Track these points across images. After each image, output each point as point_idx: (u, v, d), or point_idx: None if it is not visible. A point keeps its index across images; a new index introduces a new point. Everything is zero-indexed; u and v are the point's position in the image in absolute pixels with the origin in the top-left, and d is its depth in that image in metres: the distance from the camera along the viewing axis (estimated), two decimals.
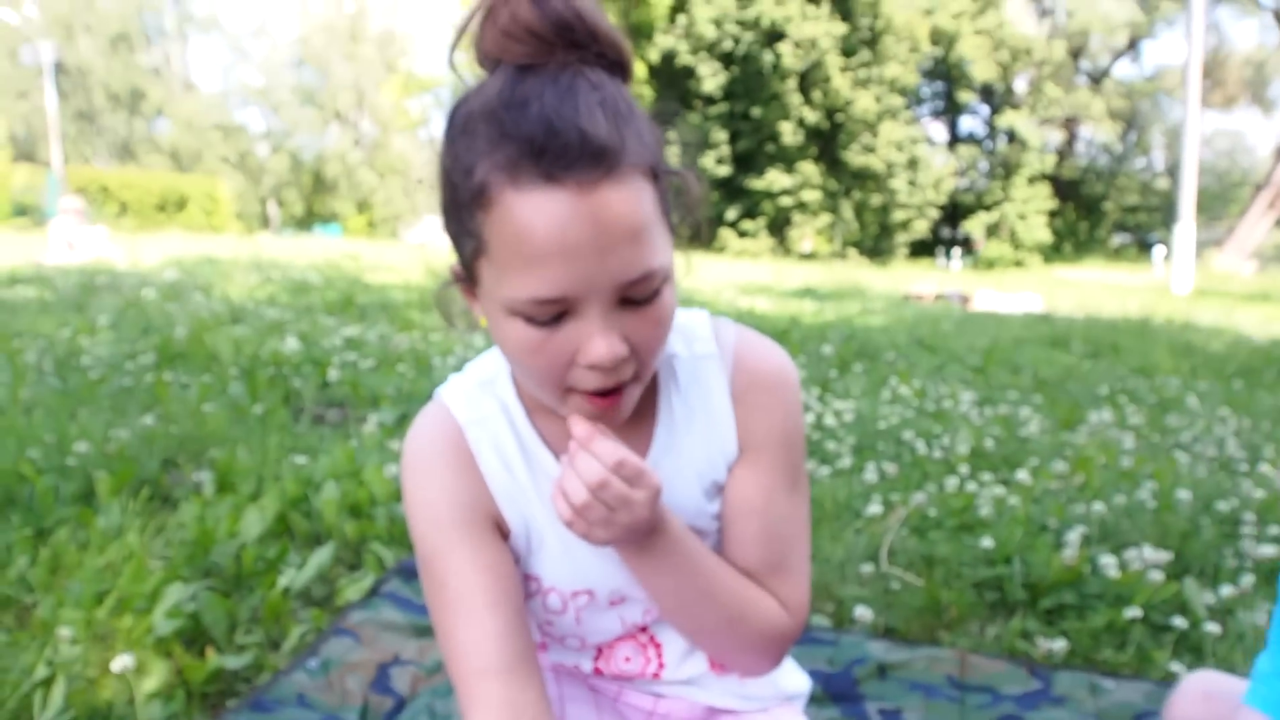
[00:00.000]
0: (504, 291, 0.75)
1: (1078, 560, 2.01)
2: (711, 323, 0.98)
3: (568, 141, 0.71)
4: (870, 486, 2.65)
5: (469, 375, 0.99)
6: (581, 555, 0.96)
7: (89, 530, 1.96)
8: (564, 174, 0.71)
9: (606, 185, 0.72)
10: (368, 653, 1.66)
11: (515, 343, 0.78)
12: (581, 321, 0.75)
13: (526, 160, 0.71)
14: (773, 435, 0.95)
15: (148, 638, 1.55)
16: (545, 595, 0.99)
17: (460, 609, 0.88)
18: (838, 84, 27.60)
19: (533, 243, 0.72)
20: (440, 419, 0.95)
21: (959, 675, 1.66)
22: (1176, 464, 2.96)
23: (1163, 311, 9.48)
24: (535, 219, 0.71)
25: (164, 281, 6.94)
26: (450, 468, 0.92)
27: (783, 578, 0.96)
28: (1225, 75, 34.51)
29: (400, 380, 3.75)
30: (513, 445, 0.94)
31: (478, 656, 0.87)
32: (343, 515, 2.21)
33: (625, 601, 1.00)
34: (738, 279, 12.52)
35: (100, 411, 2.94)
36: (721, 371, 0.95)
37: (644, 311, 0.78)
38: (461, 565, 0.89)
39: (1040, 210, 30.27)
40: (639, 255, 0.74)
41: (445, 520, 0.91)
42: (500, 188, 0.72)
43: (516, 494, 0.94)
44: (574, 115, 0.72)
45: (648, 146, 0.77)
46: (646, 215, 0.75)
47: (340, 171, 40.79)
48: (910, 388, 4.06)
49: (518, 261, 0.73)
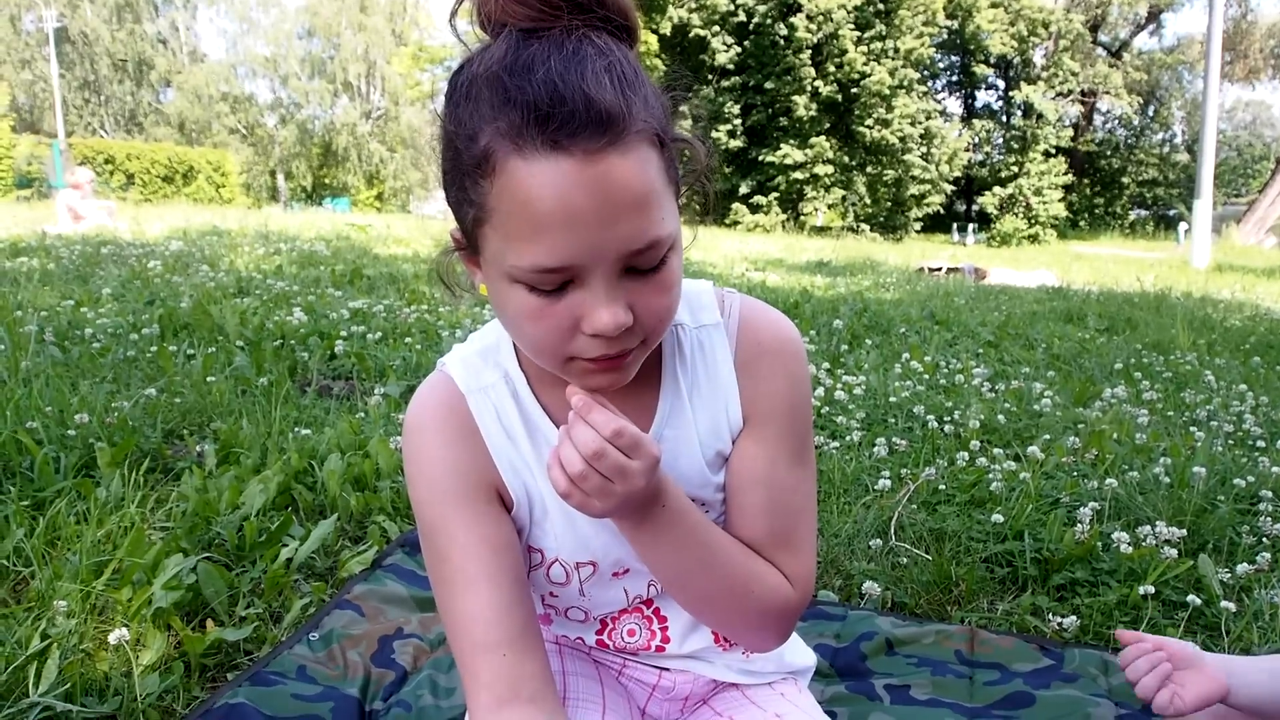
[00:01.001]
0: (507, 259, 0.73)
1: (1090, 536, 1.97)
2: (716, 292, 0.97)
3: (573, 108, 0.69)
4: (880, 461, 2.61)
5: (472, 344, 0.98)
6: (584, 526, 0.95)
7: (89, 501, 1.95)
8: (569, 141, 0.69)
9: (612, 153, 0.70)
10: (370, 625, 1.64)
11: (517, 310, 0.76)
12: (585, 290, 0.74)
13: (531, 127, 0.69)
14: (778, 405, 0.94)
15: (146, 610, 1.54)
16: (549, 567, 0.98)
17: (461, 581, 0.87)
18: (852, 57, 27.25)
19: (537, 211, 0.70)
20: (442, 388, 0.93)
21: (968, 651, 1.63)
22: (1192, 440, 2.91)
23: (1180, 286, 9.37)
24: (540, 187, 0.69)
25: (169, 253, 6.92)
26: (452, 438, 0.91)
27: (788, 550, 0.94)
28: (1249, 47, 33.90)
29: (408, 353, 3.73)
30: (515, 415, 0.92)
31: (479, 630, 0.86)
32: (347, 487, 2.20)
33: (629, 573, 0.99)
34: (750, 252, 12.44)
35: (102, 383, 2.93)
36: (726, 341, 0.94)
37: (650, 280, 0.76)
38: (462, 537, 0.88)
39: (1056, 185, 29.96)
40: (645, 224, 0.72)
41: (446, 491, 0.89)
42: (505, 155, 0.70)
43: (519, 463, 0.92)
44: (580, 81, 0.70)
45: (654, 113, 0.75)
46: (653, 183, 0.73)
47: (350, 144, 40.63)
48: (922, 363, 4.01)
49: (522, 230, 0.71)
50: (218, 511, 1.96)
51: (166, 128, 40.72)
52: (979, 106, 35.59)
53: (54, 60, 33.56)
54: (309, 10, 42.05)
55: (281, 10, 43.30)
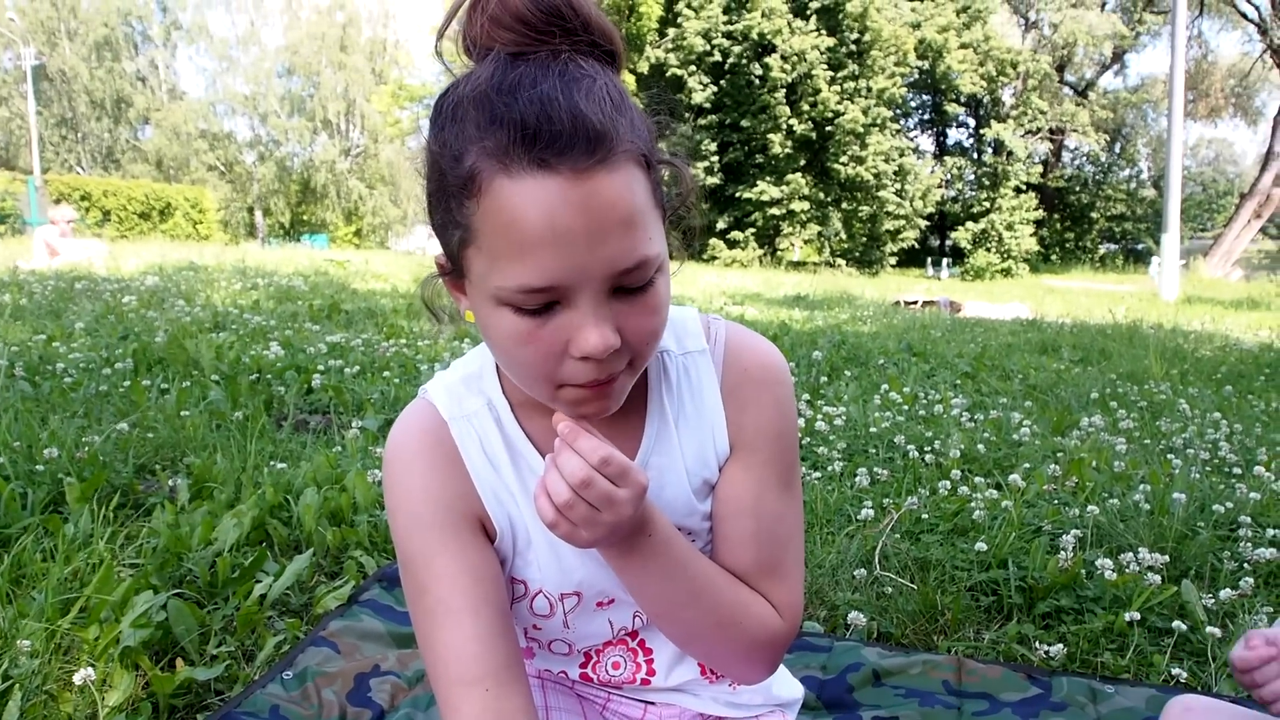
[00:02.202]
0: (493, 280, 0.72)
1: (1073, 564, 1.97)
2: (702, 319, 0.96)
3: (560, 128, 0.69)
4: (862, 491, 2.61)
5: (454, 371, 0.96)
6: (568, 555, 0.93)
7: (56, 538, 1.89)
8: (557, 160, 0.68)
9: (600, 172, 0.69)
10: (346, 663, 1.60)
11: (504, 334, 0.75)
12: (573, 311, 0.72)
13: (518, 146, 0.68)
14: (765, 432, 0.92)
15: (114, 649, 1.49)
16: (532, 599, 0.95)
17: (443, 613, 0.85)
18: (826, 96, 27.68)
19: (524, 230, 0.69)
20: (424, 415, 0.92)
21: (956, 681, 1.61)
22: (1170, 467, 2.92)
23: (1151, 318, 9.50)
24: (527, 206, 0.68)
25: (144, 288, 6.84)
26: (434, 466, 0.89)
27: (775, 580, 0.92)
28: (1210, 86, 34.80)
29: (386, 386, 3.69)
30: (498, 442, 0.91)
31: (459, 664, 0.83)
32: (323, 522, 2.15)
33: (614, 604, 0.97)
34: (728, 287, 12.50)
35: (73, 418, 2.87)
36: (712, 367, 0.93)
37: (637, 301, 0.75)
38: (444, 568, 0.86)
39: (1027, 220, 30.41)
40: (632, 243, 0.72)
41: (427, 521, 0.87)
42: (491, 174, 0.69)
43: (502, 492, 0.90)
44: (567, 101, 0.70)
45: (640, 135, 0.75)
46: (640, 203, 0.73)
47: (328, 180, 40.63)
48: (901, 394, 4.03)
49: (508, 249, 0.70)
50: (190, 547, 1.91)
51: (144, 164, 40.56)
52: (950, 144, 36.20)
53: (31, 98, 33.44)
54: (289, 49, 42.27)
55: (261, 49, 43.48)
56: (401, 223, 41.91)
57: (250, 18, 43.84)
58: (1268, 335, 8.09)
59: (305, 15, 43.06)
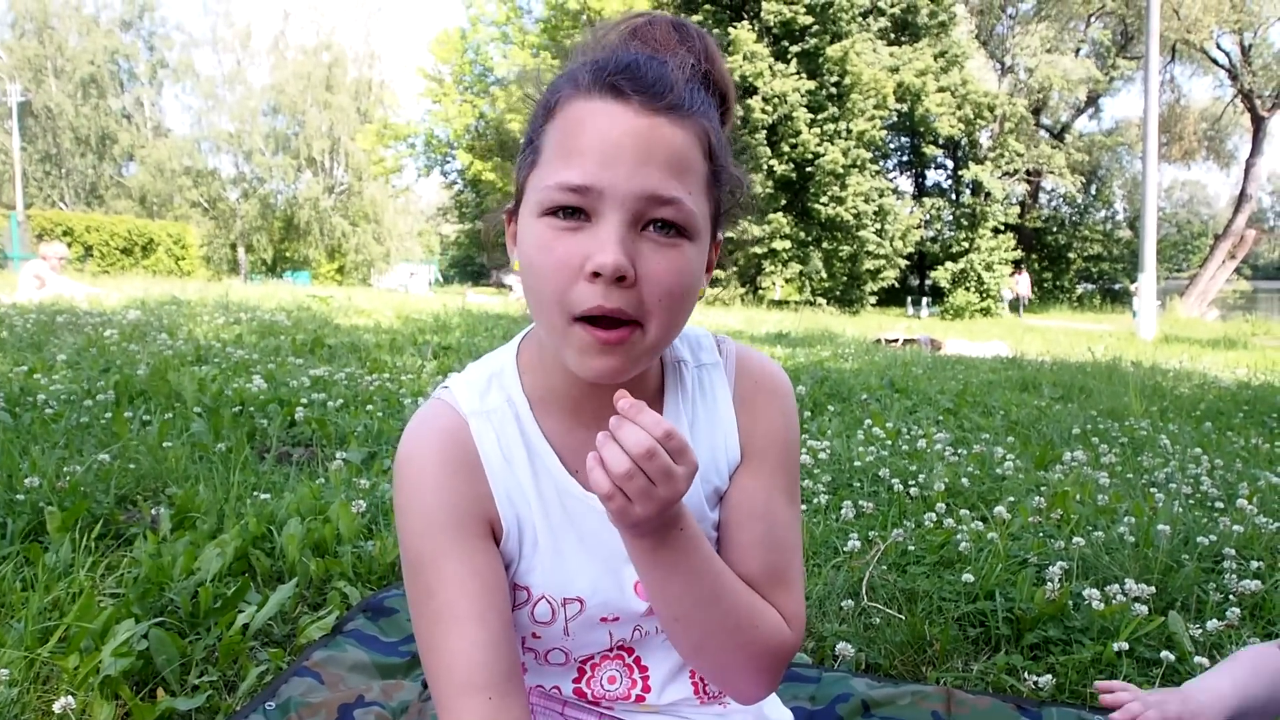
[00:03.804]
0: (542, 182, 0.79)
1: (1060, 595, 1.97)
2: (714, 337, 1.02)
3: (644, 71, 0.79)
4: (848, 523, 2.61)
5: (477, 369, 0.98)
6: (572, 559, 0.93)
7: (36, 566, 1.86)
8: (629, 91, 0.77)
9: (664, 116, 0.77)
10: (330, 694, 1.58)
11: (532, 244, 0.80)
12: (598, 229, 0.77)
13: (601, 75, 0.78)
14: (774, 441, 0.97)
15: (94, 678, 1.46)
16: (534, 605, 0.95)
17: (449, 618, 0.85)
18: (806, 138, 28.07)
19: (581, 138, 0.77)
20: (442, 415, 0.93)
21: (945, 712, 1.60)
22: (1154, 501, 2.95)
23: (1129, 356, 9.60)
24: (591, 119, 0.77)
25: (126, 322, 6.80)
26: (449, 468, 0.89)
27: (783, 589, 0.94)
28: (1183, 129, 35.59)
29: (369, 420, 3.67)
30: (517, 439, 0.92)
31: (464, 671, 0.83)
32: (307, 553, 2.13)
33: (618, 621, 0.98)
34: (711, 324, 12.55)
35: (54, 448, 2.84)
36: (725, 380, 0.98)
37: (660, 249, 0.79)
38: (453, 573, 0.86)
39: (1006, 260, 30.81)
40: (672, 181, 0.78)
41: (440, 524, 0.87)
42: (569, 96, 0.79)
43: (514, 491, 0.91)
44: (659, 65, 0.80)
45: (713, 126, 0.83)
46: (691, 161, 0.80)
47: (312, 218, 40.67)
48: (884, 429, 4.04)
49: (563, 152, 0.78)
50: (171, 577, 1.88)
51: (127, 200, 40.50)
52: (929, 185, 36.74)
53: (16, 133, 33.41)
54: (275, 88, 42.54)
55: (247, 88, 43.74)
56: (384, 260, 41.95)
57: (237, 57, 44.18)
58: (1245, 373, 8.20)
59: (291, 55, 43.44)
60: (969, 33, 33.31)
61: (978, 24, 35.72)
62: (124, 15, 44.08)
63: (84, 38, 41.28)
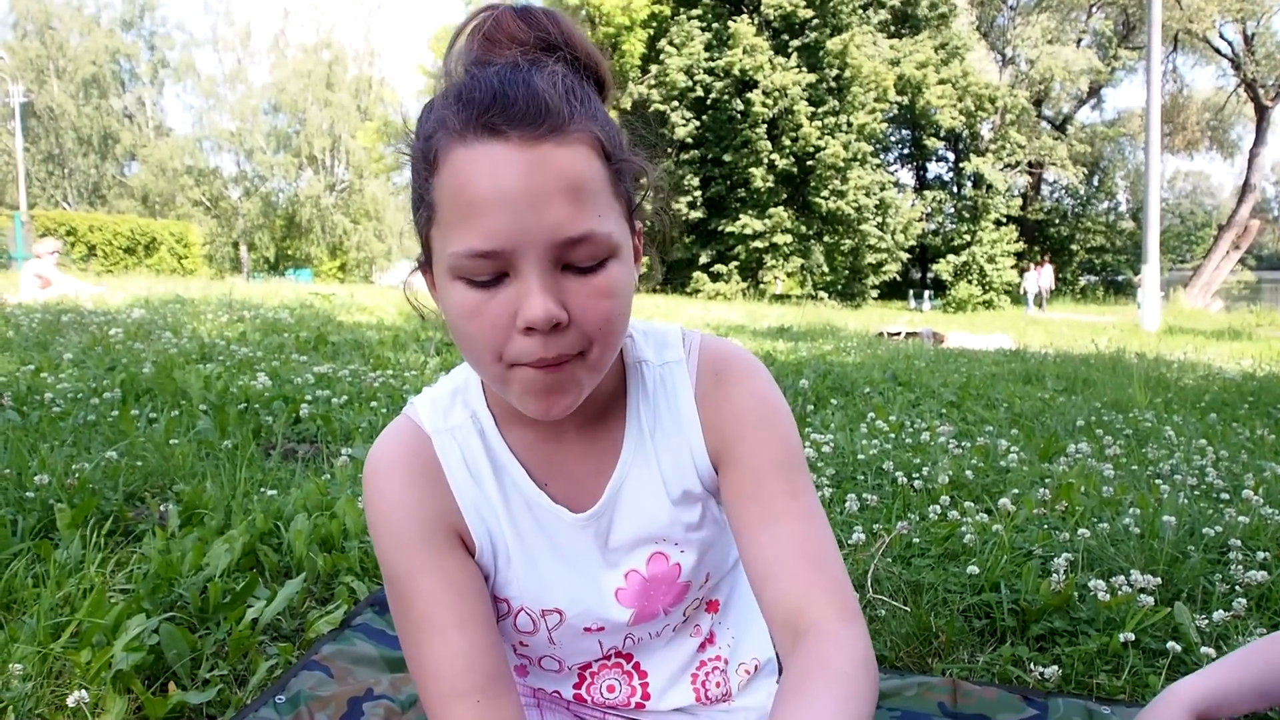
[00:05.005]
0: (448, 249, 0.74)
1: (1066, 586, 1.98)
2: (682, 333, 0.97)
3: (514, 97, 0.73)
4: (852, 516, 2.61)
5: (441, 385, 0.98)
6: (546, 571, 0.93)
7: (47, 563, 1.88)
8: (507, 126, 0.71)
9: (549, 141, 0.72)
10: (339, 687, 1.59)
11: (456, 308, 0.76)
12: (519, 282, 0.73)
13: (474, 117, 0.72)
14: (745, 422, 0.92)
15: (106, 672, 1.47)
16: (515, 616, 0.96)
17: (428, 628, 0.85)
18: (807, 131, 28.03)
19: (472, 194, 0.72)
20: (406, 432, 0.92)
21: (951, 704, 1.61)
22: (1159, 492, 2.95)
23: (1133, 348, 9.59)
24: (476, 169, 0.72)
25: (131, 320, 6.81)
26: (415, 482, 0.89)
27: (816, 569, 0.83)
28: (1186, 119, 35.49)
29: (374, 416, 3.68)
30: (482, 455, 0.91)
31: (448, 678, 0.84)
32: (314, 548, 2.14)
33: (604, 630, 0.97)
34: (711, 319, 12.56)
35: (62, 446, 2.85)
36: (687, 375, 0.94)
37: (588, 282, 0.75)
38: (427, 583, 0.86)
39: (1008, 252, 30.77)
40: (577, 213, 0.73)
41: (410, 537, 0.87)
42: (449, 146, 0.73)
43: (483, 506, 0.91)
44: (525, 80, 0.74)
45: (600, 125, 0.77)
46: (590, 178, 0.74)
47: (313, 216, 40.70)
48: (887, 422, 4.05)
49: (460, 214, 0.73)
50: (180, 572, 1.89)
51: (130, 200, 40.55)
52: (930, 177, 36.68)
53: (19, 134, 33.43)
54: (275, 86, 42.54)
55: (248, 87, 43.74)
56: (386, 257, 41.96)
57: (237, 56, 44.18)
58: (1250, 364, 8.19)
59: (292, 54, 43.45)
60: (970, 24, 33.20)
61: (978, 15, 35.62)
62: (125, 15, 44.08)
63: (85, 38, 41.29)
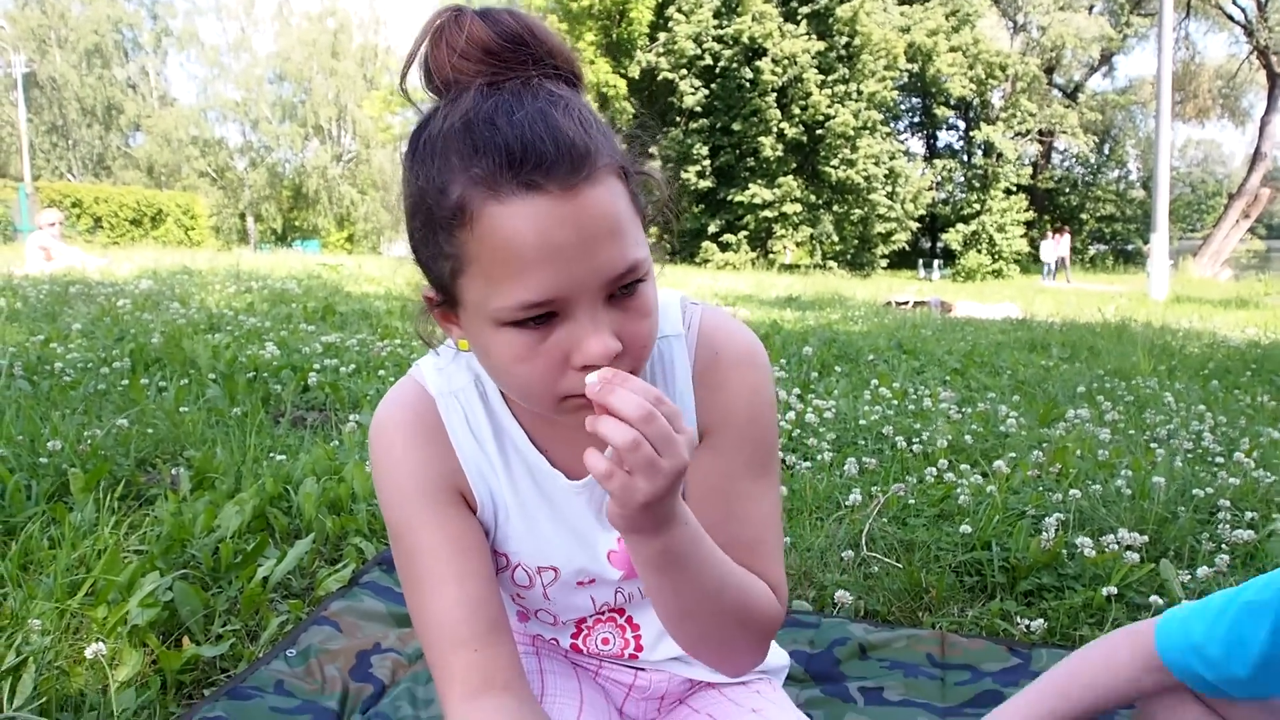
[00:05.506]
0: (493, 303, 0.74)
1: (1055, 544, 2.02)
2: (682, 303, 0.97)
3: (545, 149, 0.71)
4: (851, 479, 2.66)
5: (449, 353, 0.99)
6: (544, 531, 0.96)
7: (62, 526, 1.94)
8: (544, 180, 0.71)
9: (585, 187, 0.72)
10: (348, 641, 1.65)
11: (506, 354, 0.76)
12: (572, 323, 0.74)
13: (505, 171, 0.71)
14: (735, 415, 0.93)
15: (122, 628, 1.53)
16: (513, 571, 1.00)
17: (430, 581, 0.89)
18: (816, 99, 27.79)
19: (519, 250, 0.71)
20: (410, 393, 0.95)
21: (939, 654, 1.66)
22: (1154, 456, 2.98)
23: (1140, 317, 9.58)
24: (520, 227, 0.71)
25: (139, 291, 6.87)
26: (418, 441, 0.92)
27: (760, 559, 0.92)
28: (1197, 87, 35.05)
29: (381, 385, 3.73)
30: (484, 418, 0.94)
31: (449, 628, 0.88)
32: (323, 510, 2.20)
33: (594, 583, 1.00)
34: (720, 289, 12.56)
35: (73, 414, 2.91)
36: (686, 352, 0.94)
37: (630, 306, 0.77)
38: (430, 539, 0.90)
39: (1018, 221, 30.57)
40: (621, 250, 0.74)
41: (413, 494, 0.91)
42: (481, 201, 0.72)
43: (484, 466, 0.94)
44: (546, 124, 0.73)
45: (616, 148, 0.78)
46: (623, 212, 0.76)
47: (320, 187, 40.62)
48: (891, 389, 4.08)
49: (506, 271, 0.72)
50: (193, 534, 1.95)
51: (135, 171, 40.50)
52: (941, 146, 36.36)
53: (22, 105, 33.40)
54: (280, 55, 42.27)
55: (253, 56, 43.50)
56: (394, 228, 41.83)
57: (241, 25, 43.91)
58: (1255, 333, 8.18)
59: (296, 22, 43.10)
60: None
61: None
62: None
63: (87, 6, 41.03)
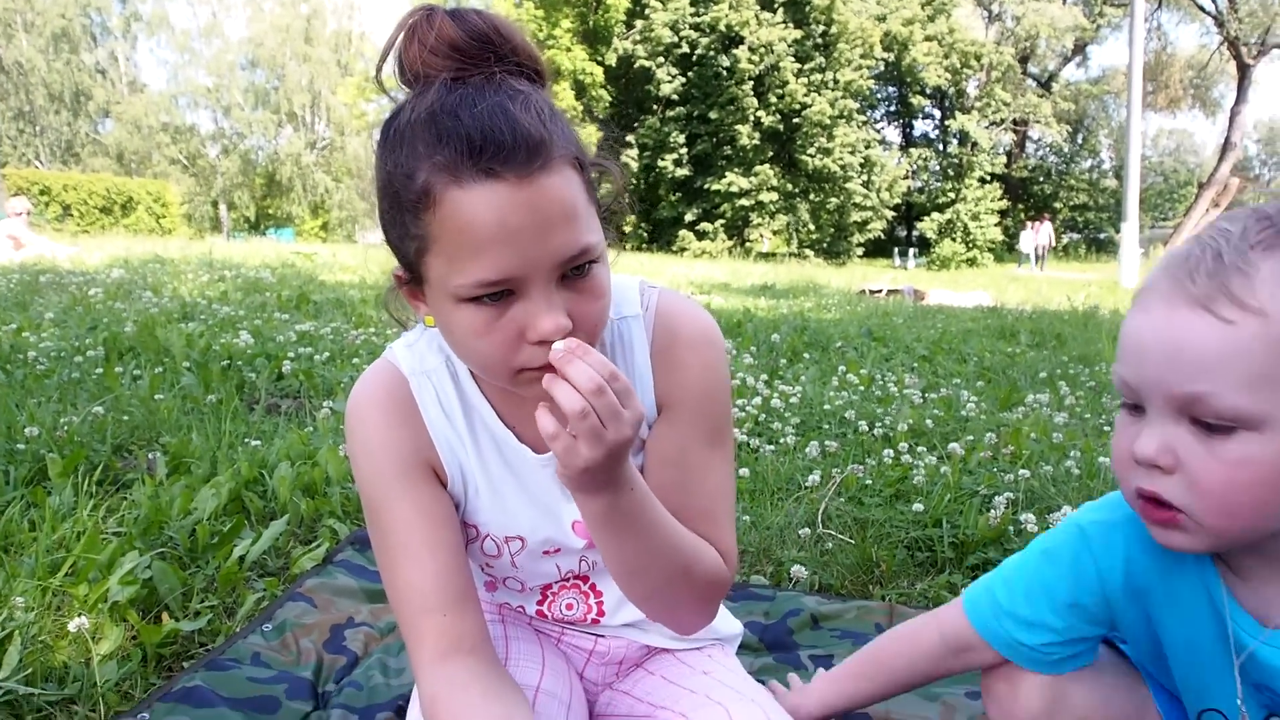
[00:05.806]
0: (453, 280, 0.81)
1: (1002, 521, 2.12)
2: (640, 286, 1.04)
3: (503, 139, 0.78)
4: (812, 461, 2.74)
5: (416, 332, 1.05)
6: (511, 503, 1.03)
7: (42, 509, 1.98)
8: (502, 168, 0.78)
9: (540, 175, 0.79)
10: (322, 615, 1.71)
11: (465, 328, 0.83)
12: (527, 301, 0.81)
13: (466, 159, 0.78)
14: (691, 391, 1.00)
15: (103, 604, 1.59)
16: (482, 541, 1.07)
17: (403, 553, 0.96)
18: (793, 88, 27.93)
19: (478, 232, 0.78)
20: (384, 373, 1.02)
21: (888, 624, 1.75)
22: (1106, 438, 3.09)
23: (1109, 305, 9.75)
24: (479, 211, 0.78)
25: (110, 280, 6.85)
26: (392, 419, 0.99)
27: (712, 525, 0.99)
28: (1169, 77, 35.47)
29: (355, 372, 3.78)
30: (454, 396, 1.01)
31: (420, 596, 0.95)
32: (297, 493, 2.25)
33: (560, 552, 1.08)
34: (696, 277, 12.64)
35: (48, 402, 2.94)
36: (644, 332, 1.01)
37: (582, 287, 0.84)
38: (403, 513, 0.97)
39: (992, 210, 30.89)
40: (574, 234, 0.81)
41: (387, 470, 0.98)
42: (443, 186, 0.79)
43: (455, 442, 1.01)
44: (506, 116, 0.79)
45: (572, 140, 0.85)
46: (577, 199, 0.83)
47: (294, 174, 40.26)
48: (858, 375, 4.18)
49: (465, 251, 0.79)
50: (170, 516, 2.00)
51: (105, 158, 39.87)
52: (916, 135, 36.67)
53: None
54: (252, 41, 41.74)
55: (224, 41, 42.93)
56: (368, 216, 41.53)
57: (212, 9, 43.31)
58: None
59: (269, 7, 42.59)
60: None
61: None
62: None
63: None
